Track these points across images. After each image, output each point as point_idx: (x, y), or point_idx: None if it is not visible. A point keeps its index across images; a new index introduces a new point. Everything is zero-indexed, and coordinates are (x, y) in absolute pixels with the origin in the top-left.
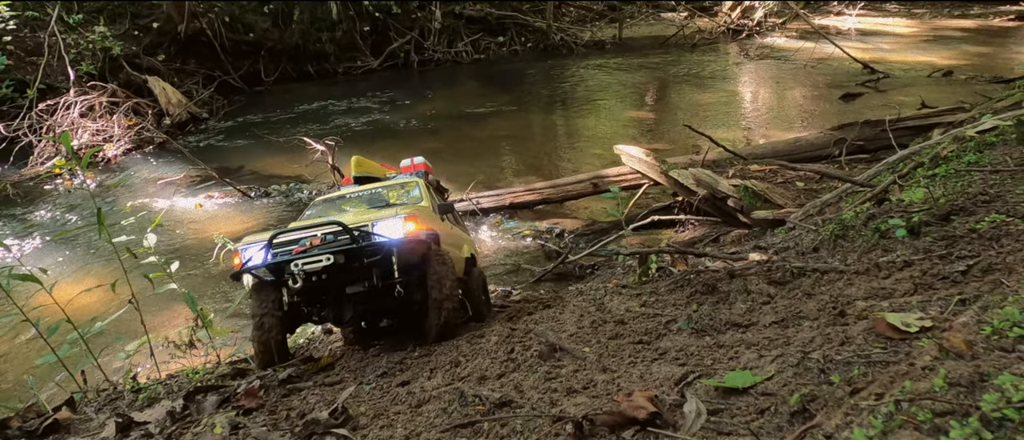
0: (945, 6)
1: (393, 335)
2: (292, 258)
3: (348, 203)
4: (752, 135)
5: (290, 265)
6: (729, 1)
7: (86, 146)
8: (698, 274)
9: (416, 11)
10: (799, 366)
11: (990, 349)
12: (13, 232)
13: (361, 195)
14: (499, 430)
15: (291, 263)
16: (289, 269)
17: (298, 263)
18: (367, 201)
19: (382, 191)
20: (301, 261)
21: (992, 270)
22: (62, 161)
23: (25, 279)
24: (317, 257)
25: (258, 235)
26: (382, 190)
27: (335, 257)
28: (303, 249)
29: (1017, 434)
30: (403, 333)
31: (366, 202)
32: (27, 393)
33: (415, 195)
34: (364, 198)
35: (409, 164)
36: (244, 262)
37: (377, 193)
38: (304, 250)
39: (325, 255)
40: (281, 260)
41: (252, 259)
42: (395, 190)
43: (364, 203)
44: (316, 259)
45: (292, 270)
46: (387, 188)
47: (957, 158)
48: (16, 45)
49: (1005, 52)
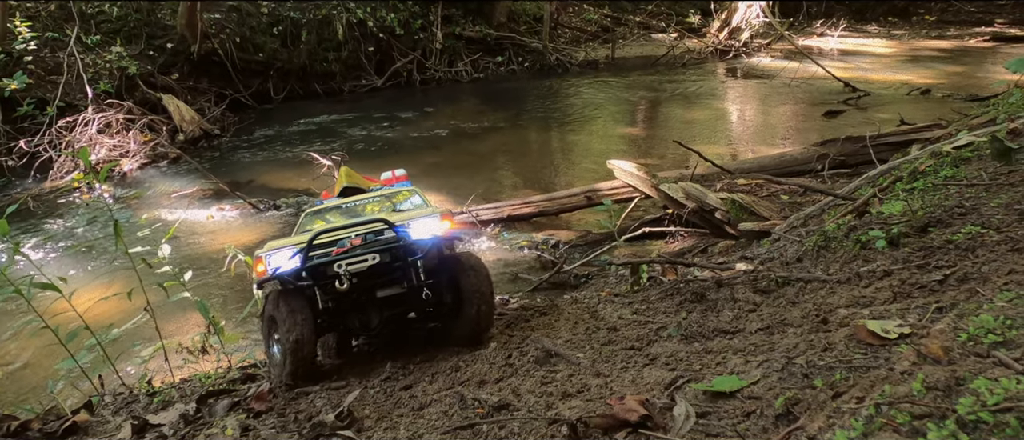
0: (923, 28)
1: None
2: (333, 259)
3: (351, 212)
4: (739, 150)
5: (332, 267)
6: (717, 23)
7: (103, 161)
8: (687, 283)
9: (418, 32)
10: (784, 371)
11: (966, 355)
12: (34, 242)
13: (361, 204)
14: (497, 432)
15: (333, 265)
16: (331, 271)
17: (342, 264)
18: (380, 208)
19: (383, 199)
20: (344, 262)
21: (968, 279)
22: (81, 175)
23: (45, 287)
24: (362, 257)
25: (278, 241)
26: (382, 198)
27: (381, 256)
28: (344, 250)
29: (992, 436)
30: (405, 339)
31: (380, 209)
32: (47, 396)
33: (417, 202)
34: (366, 206)
35: (390, 176)
36: (272, 270)
37: (379, 201)
38: (345, 251)
39: (370, 254)
40: (321, 261)
41: (280, 264)
42: (397, 198)
43: (369, 210)
44: (361, 259)
45: (337, 272)
46: (386, 197)
47: (934, 172)
48: (37, 65)
49: (980, 72)
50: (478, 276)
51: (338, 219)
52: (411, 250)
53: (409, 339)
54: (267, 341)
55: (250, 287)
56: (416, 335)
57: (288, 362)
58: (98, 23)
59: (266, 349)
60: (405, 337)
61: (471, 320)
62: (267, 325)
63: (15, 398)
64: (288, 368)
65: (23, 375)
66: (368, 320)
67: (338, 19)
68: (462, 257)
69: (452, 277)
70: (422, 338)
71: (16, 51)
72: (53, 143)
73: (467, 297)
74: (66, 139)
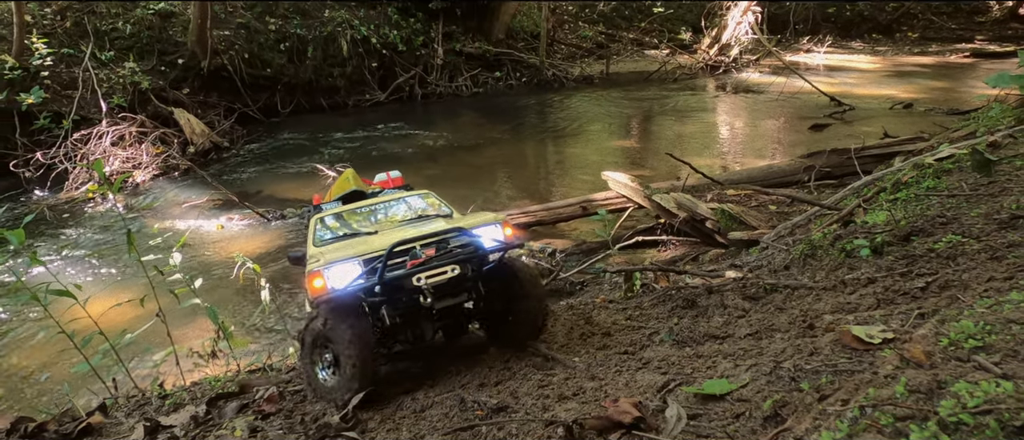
0: (906, 44)
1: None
2: (410, 273)
3: (373, 215)
4: (728, 162)
5: (410, 280)
6: (707, 39)
7: (117, 172)
8: (679, 290)
9: (420, 48)
10: (772, 374)
11: (947, 359)
12: (50, 251)
13: (383, 207)
14: (496, 433)
15: (411, 278)
16: (409, 285)
17: (421, 277)
18: (403, 212)
19: (410, 202)
20: (423, 275)
21: (949, 286)
22: (95, 186)
23: (61, 294)
24: (440, 269)
25: (323, 249)
26: (407, 202)
27: (461, 268)
28: (420, 261)
29: (972, 437)
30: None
31: (402, 213)
32: (63, 399)
33: (443, 209)
34: (393, 210)
35: (385, 178)
36: (334, 286)
37: (405, 204)
38: (421, 263)
39: (450, 266)
40: (398, 275)
41: (343, 279)
42: (423, 201)
43: (399, 214)
44: (440, 271)
45: (417, 286)
46: (405, 200)
47: (917, 184)
48: (53, 80)
49: (961, 86)
50: (531, 279)
51: (360, 223)
52: (485, 260)
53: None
54: (311, 362)
55: (258, 294)
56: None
57: (356, 381)
58: (112, 39)
59: (309, 371)
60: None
61: (530, 321)
62: (313, 346)
63: (32, 400)
64: (355, 387)
65: (40, 378)
66: (423, 332)
67: (343, 36)
68: (510, 261)
69: (504, 282)
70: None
71: (33, 67)
72: (69, 155)
73: (523, 299)
74: (81, 151)
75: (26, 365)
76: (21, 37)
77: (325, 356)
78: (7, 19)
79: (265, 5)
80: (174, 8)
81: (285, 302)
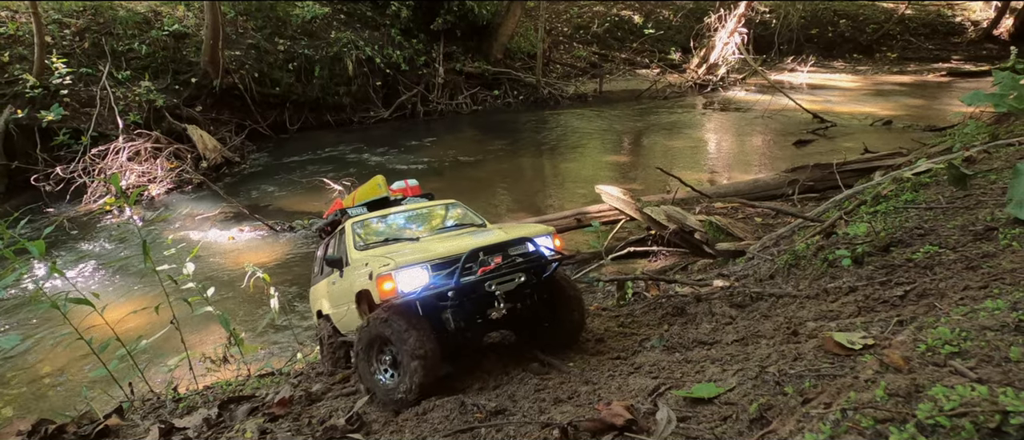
0: (885, 64)
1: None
2: (482, 279)
3: (413, 222)
4: (716, 176)
5: (482, 287)
6: (696, 59)
7: (133, 186)
8: (669, 298)
9: (422, 68)
10: (757, 379)
11: (925, 364)
12: (69, 261)
13: (417, 215)
14: (495, 435)
15: (483, 284)
16: (481, 291)
17: (492, 284)
18: (438, 220)
19: (442, 211)
20: (494, 281)
21: (926, 295)
22: (112, 199)
23: (79, 302)
24: (509, 276)
25: (369, 253)
26: (440, 210)
27: (527, 276)
28: (489, 268)
29: (948, 439)
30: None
31: (438, 221)
32: (82, 402)
33: (475, 216)
34: (427, 217)
35: (404, 186)
36: (403, 292)
37: (438, 212)
38: (491, 270)
39: (517, 274)
40: (470, 280)
41: (412, 283)
42: (455, 211)
43: (435, 222)
44: (509, 279)
45: (489, 292)
46: (432, 208)
47: (896, 197)
48: (72, 98)
49: (938, 104)
50: (572, 287)
51: (399, 230)
52: (545, 268)
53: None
54: (368, 365)
55: (267, 302)
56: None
57: (418, 376)
58: (128, 59)
59: (364, 374)
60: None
61: (574, 325)
62: (370, 347)
63: (52, 404)
64: (417, 381)
65: (59, 383)
66: (476, 335)
67: (348, 56)
68: (556, 272)
69: (552, 291)
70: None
71: (53, 85)
72: (86, 170)
73: (570, 310)
74: (99, 166)
75: (47, 370)
76: (42, 57)
77: (383, 358)
78: (28, 40)
79: (274, 27)
80: (188, 29)
81: (293, 309)
